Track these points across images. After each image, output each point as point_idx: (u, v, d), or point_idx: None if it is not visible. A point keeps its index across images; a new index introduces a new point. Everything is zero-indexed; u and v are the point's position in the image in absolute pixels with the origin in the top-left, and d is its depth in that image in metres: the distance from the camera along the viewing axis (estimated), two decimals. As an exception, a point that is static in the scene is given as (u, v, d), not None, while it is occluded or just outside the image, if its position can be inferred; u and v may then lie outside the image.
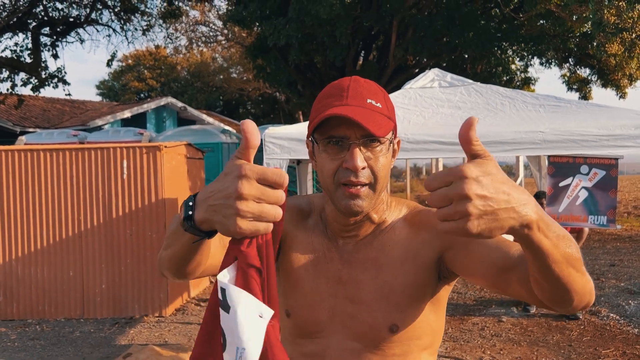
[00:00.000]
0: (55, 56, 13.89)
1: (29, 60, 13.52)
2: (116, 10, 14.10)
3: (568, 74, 14.07)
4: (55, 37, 13.89)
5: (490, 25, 11.94)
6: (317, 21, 10.56)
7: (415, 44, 11.55)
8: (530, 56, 13.27)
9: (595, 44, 10.09)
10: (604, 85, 12.78)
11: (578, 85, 13.85)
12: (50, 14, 13.48)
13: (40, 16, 13.55)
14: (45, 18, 13.53)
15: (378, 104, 1.10)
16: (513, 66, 14.29)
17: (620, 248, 9.33)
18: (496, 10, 12.65)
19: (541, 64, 13.44)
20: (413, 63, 13.82)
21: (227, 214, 0.79)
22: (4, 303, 6.19)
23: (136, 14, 14.31)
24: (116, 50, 30.17)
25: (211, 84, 29.11)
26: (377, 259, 1.17)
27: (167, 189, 6.15)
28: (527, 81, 14.73)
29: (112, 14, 14.21)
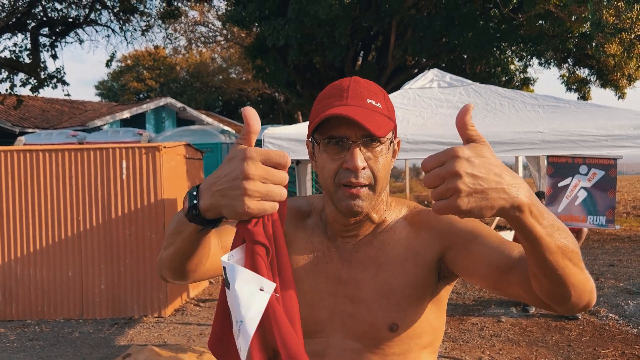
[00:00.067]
0: (55, 56, 13.88)
1: (28, 61, 13.51)
2: (115, 10, 14.10)
3: (567, 75, 14.09)
4: (54, 38, 13.88)
5: (489, 26, 11.96)
6: (316, 21, 10.57)
7: (415, 44, 11.56)
8: (529, 56, 13.29)
9: (594, 44, 10.10)
10: (603, 86, 12.79)
11: (577, 85, 13.87)
12: (49, 15, 13.48)
13: (39, 16, 13.54)
14: (44, 18, 13.52)
15: (378, 104, 1.10)
16: (512, 66, 14.32)
17: (619, 248, 9.34)
18: (495, 11, 12.67)
19: (540, 64, 13.48)
20: (412, 63, 13.83)
21: (235, 195, 0.82)
22: (3, 303, 6.18)
23: (135, 15, 14.31)
24: (115, 51, 30.19)
25: (210, 84, 29.11)
26: (377, 258, 1.17)
27: (166, 189, 6.15)
28: (526, 81, 14.75)
29: (111, 14, 14.21)
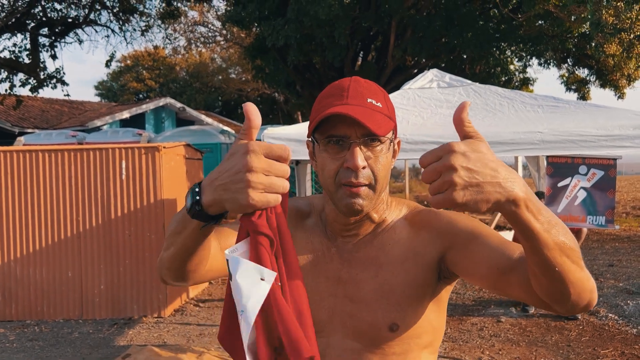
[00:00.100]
0: (54, 57, 13.88)
1: (27, 61, 13.51)
2: (115, 10, 14.10)
3: (566, 75, 14.10)
4: (53, 38, 13.88)
5: (488, 26, 11.96)
6: (316, 22, 10.57)
7: (414, 44, 11.56)
8: (528, 56, 13.30)
9: (593, 44, 10.11)
10: (603, 86, 12.80)
11: (576, 85, 13.88)
12: (48, 15, 13.48)
13: (38, 17, 13.54)
14: (44, 19, 13.52)
15: (378, 104, 1.10)
16: (511, 66, 14.34)
17: (618, 248, 9.34)
18: (495, 11, 12.68)
19: (540, 64, 13.50)
20: (412, 63, 13.83)
21: (239, 188, 0.83)
22: (3, 304, 6.17)
23: (135, 15, 14.31)
24: (115, 51, 30.23)
25: (210, 84, 29.11)
26: (377, 258, 1.17)
27: (166, 189, 6.15)
28: (526, 81, 14.76)
29: (111, 14, 14.21)
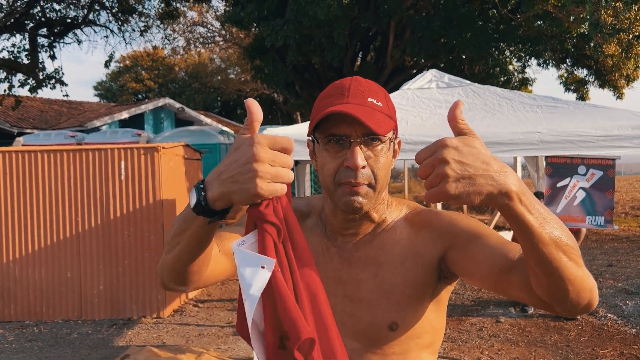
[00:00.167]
0: (53, 57, 13.86)
1: (26, 61, 13.49)
2: (114, 11, 14.09)
3: (565, 75, 14.10)
4: (52, 38, 13.86)
5: (487, 26, 11.97)
6: (315, 22, 10.57)
7: (413, 44, 11.56)
8: (527, 57, 13.31)
9: (592, 44, 10.12)
10: (601, 86, 12.81)
11: (575, 86, 13.88)
12: (47, 15, 13.46)
13: (37, 17, 13.53)
14: (43, 19, 13.50)
15: (379, 103, 1.10)
16: (510, 67, 14.33)
17: (617, 248, 9.35)
18: (494, 11, 12.69)
19: (538, 64, 13.50)
20: (411, 64, 13.83)
21: (247, 179, 0.85)
22: (2, 304, 6.17)
23: (134, 15, 14.30)
24: (114, 51, 30.20)
25: (209, 84, 29.09)
26: (377, 258, 1.17)
27: (165, 190, 6.15)
28: (525, 82, 14.76)
29: (110, 15, 14.20)
